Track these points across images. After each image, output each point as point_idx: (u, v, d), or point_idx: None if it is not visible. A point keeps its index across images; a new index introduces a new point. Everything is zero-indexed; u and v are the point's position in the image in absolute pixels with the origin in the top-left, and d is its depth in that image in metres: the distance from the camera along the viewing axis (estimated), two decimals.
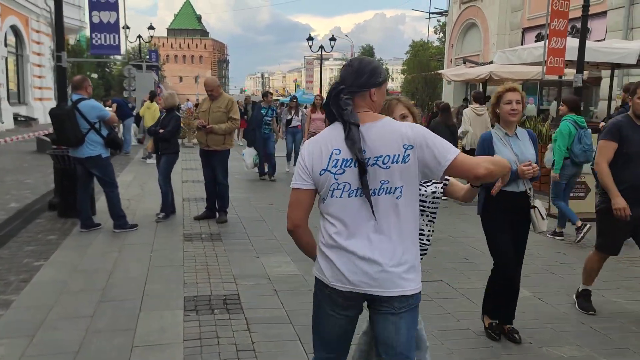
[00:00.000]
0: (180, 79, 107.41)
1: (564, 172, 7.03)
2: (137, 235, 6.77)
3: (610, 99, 13.89)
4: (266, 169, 11.87)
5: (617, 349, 3.88)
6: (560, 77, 10.95)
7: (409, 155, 2.14)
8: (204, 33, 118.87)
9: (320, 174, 2.24)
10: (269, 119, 11.82)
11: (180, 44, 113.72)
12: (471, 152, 11.73)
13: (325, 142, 2.25)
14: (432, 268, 5.58)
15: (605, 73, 15.00)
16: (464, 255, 6.26)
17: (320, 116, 11.52)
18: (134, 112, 16.91)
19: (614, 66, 13.08)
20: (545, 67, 9.41)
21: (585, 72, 11.50)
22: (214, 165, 7.51)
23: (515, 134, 3.91)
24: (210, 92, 7.47)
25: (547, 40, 9.30)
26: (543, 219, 3.90)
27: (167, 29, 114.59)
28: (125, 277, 5.22)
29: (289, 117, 12.91)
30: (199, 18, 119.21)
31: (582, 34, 8.97)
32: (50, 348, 3.74)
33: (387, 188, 2.17)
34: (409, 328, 2.28)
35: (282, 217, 8.07)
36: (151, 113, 13.82)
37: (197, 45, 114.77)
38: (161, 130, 7.52)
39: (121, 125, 15.87)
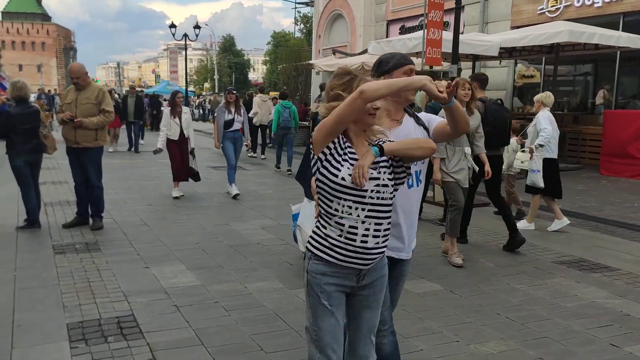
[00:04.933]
0: (20, 67, 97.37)
1: None
2: None
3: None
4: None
5: (539, 340, 3.90)
6: (431, 67, 11.32)
7: None
8: (45, 17, 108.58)
9: None
10: None
11: (18, 29, 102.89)
12: (262, 128, 14.93)
13: None
14: None
15: (465, 65, 15.93)
16: None
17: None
18: None
19: (474, 58, 13.90)
20: (424, 57, 9.62)
21: (446, 64, 12.05)
22: (86, 165, 6.59)
23: None
24: (76, 79, 6.50)
25: (426, 31, 9.50)
26: None
27: (2, 12, 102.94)
28: None
29: (229, 117, 9.12)
30: (38, 0, 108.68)
31: (456, 25, 9.30)
32: None
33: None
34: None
35: (165, 218, 7.44)
36: None
37: (38, 30, 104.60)
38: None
39: None
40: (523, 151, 7.17)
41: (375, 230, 2.29)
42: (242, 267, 5.39)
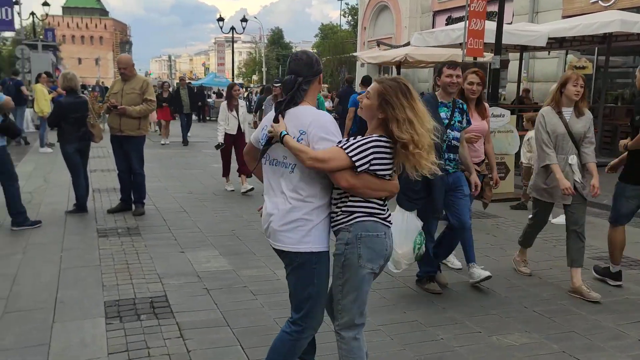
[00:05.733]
0: (80, 61, 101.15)
1: None
2: (44, 233, 6.07)
3: (519, 81, 14.42)
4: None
5: (564, 333, 3.86)
6: (475, 58, 11.14)
7: (302, 139, 2.56)
8: (103, 12, 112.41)
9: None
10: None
11: (77, 24, 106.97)
12: None
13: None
14: None
15: (513, 56, 15.58)
16: None
17: (481, 126, 4.94)
18: (31, 97, 15.47)
19: (522, 49, 13.58)
20: (465, 48, 9.49)
21: (489, 55, 11.79)
22: (129, 153, 6.88)
23: None
24: (124, 70, 6.78)
25: (467, 22, 9.36)
26: None
27: (63, 7, 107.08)
28: (33, 282, 4.60)
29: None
30: None
31: (500, 14, 9.11)
32: None
33: (283, 163, 2.64)
34: (295, 286, 2.74)
35: (204, 206, 7.68)
36: (37, 95, 12.96)
37: (96, 25, 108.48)
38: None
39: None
40: None
41: None
42: (273, 254, 5.40)
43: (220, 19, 27.06)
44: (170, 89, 16.83)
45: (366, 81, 10.24)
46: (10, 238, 5.87)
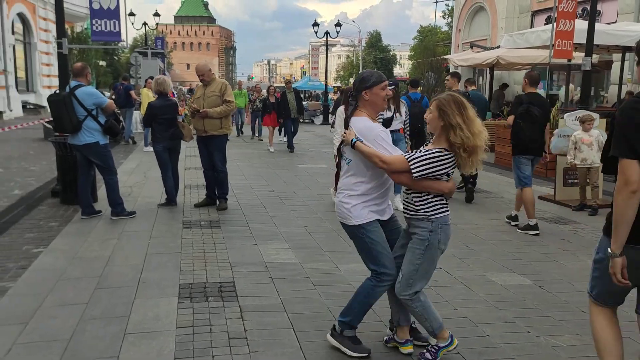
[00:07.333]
0: (188, 66, 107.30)
1: None
2: (137, 222, 6.74)
3: (620, 83, 13.64)
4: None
5: None
6: (569, 60, 10.74)
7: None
8: (210, 20, 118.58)
9: None
10: None
11: (187, 31, 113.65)
12: None
13: None
14: None
15: (616, 57, 14.74)
16: (464, 242, 6.17)
17: None
18: (139, 100, 16.83)
19: (625, 49, 12.84)
20: (552, 50, 9.21)
21: (595, 56, 11.28)
22: (212, 152, 7.44)
23: None
24: (202, 76, 7.35)
25: (555, 23, 9.09)
26: None
27: (175, 16, 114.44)
28: (122, 264, 5.19)
29: (388, 114, 7.21)
30: (205, 5, 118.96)
31: (592, 15, 8.75)
32: (42, 335, 3.71)
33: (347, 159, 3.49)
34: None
35: (282, 204, 8.10)
36: (143, 98, 14.20)
37: (204, 32, 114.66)
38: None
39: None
40: None
41: None
42: (339, 249, 5.78)
43: (315, 24, 27.72)
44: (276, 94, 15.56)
45: (414, 83, 10.25)
46: (109, 226, 6.58)
